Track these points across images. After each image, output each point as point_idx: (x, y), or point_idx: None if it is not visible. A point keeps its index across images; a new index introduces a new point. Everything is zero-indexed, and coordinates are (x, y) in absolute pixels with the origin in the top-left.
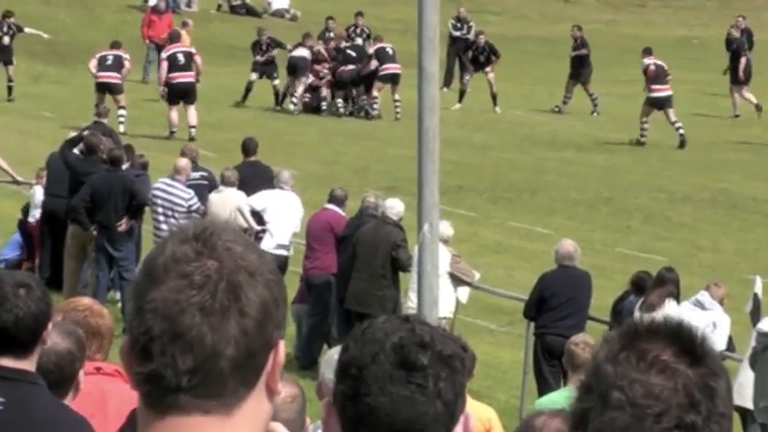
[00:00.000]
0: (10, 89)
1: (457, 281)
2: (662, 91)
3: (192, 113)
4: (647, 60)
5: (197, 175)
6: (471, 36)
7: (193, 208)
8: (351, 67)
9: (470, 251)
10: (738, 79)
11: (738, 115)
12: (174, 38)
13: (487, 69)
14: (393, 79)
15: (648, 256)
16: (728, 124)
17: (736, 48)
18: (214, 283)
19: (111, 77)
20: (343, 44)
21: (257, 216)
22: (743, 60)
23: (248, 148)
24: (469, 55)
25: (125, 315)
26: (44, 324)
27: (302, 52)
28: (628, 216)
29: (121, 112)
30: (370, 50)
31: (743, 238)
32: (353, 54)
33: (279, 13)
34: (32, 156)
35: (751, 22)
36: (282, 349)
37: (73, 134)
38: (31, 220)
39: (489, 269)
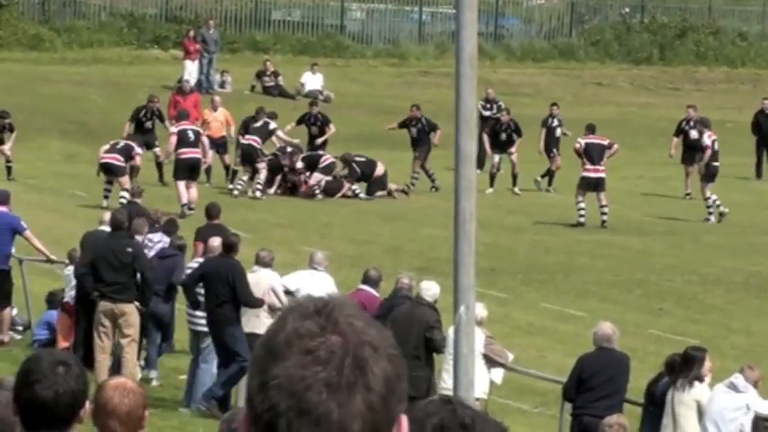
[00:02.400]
0: (9, 169)
1: (491, 362)
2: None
3: (194, 191)
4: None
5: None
6: (500, 116)
7: None
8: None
9: (503, 332)
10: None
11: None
12: (183, 116)
13: (511, 150)
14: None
15: (681, 338)
16: (763, 206)
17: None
18: (340, 359)
19: (113, 158)
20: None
21: (291, 296)
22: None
23: (211, 212)
24: (492, 130)
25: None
26: (82, 402)
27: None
28: (660, 298)
29: (124, 194)
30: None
31: None
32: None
33: (312, 95)
34: (65, 234)
35: None
36: (405, 424)
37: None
38: (67, 299)
39: (522, 350)
